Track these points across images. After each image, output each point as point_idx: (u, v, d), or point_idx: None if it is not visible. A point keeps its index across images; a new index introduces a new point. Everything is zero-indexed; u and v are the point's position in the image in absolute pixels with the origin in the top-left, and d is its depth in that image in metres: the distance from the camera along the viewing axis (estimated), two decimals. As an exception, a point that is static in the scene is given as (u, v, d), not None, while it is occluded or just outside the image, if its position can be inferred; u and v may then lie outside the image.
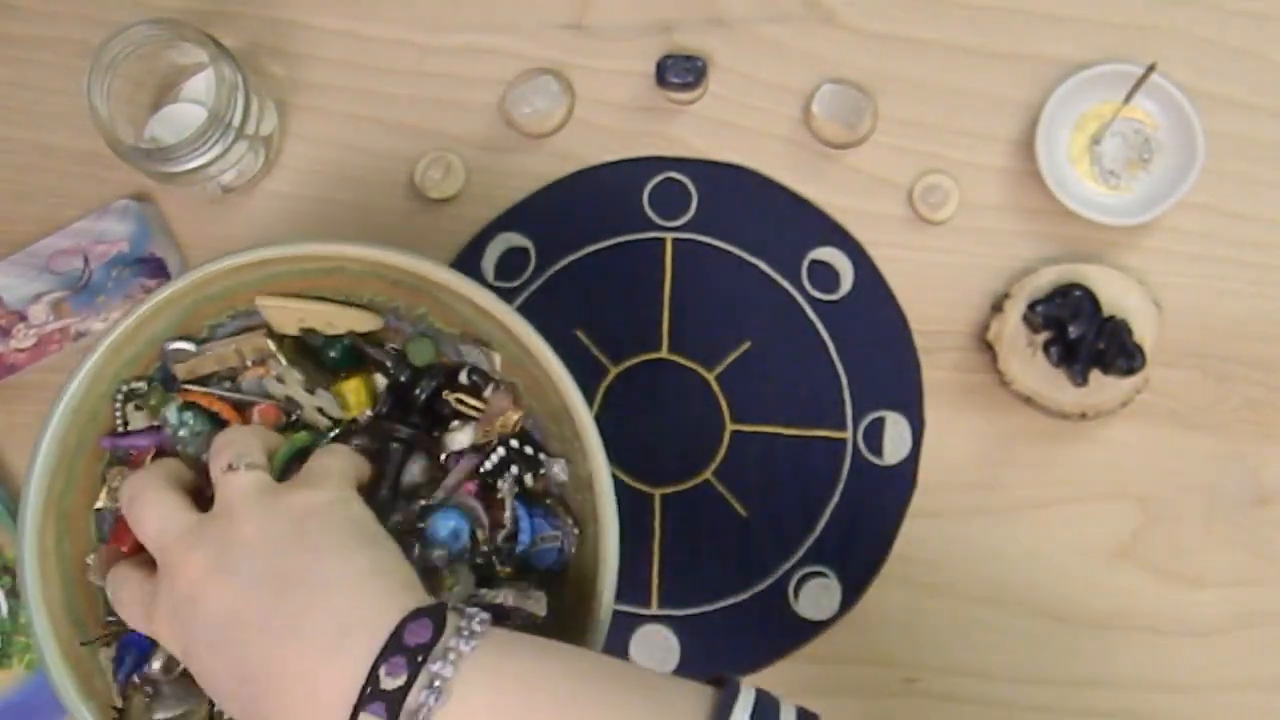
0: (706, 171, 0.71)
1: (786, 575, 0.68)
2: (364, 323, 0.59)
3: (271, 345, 0.58)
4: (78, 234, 0.69)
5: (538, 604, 0.53)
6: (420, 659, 0.43)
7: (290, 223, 0.71)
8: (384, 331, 0.60)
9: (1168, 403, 0.69)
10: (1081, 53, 0.71)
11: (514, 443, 0.57)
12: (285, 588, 0.46)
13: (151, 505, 0.50)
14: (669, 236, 0.71)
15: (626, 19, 0.72)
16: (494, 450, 0.57)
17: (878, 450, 0.69)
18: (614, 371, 0.70)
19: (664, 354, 0.70)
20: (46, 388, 0.69)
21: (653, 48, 0.71)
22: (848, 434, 0.69)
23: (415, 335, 0.59)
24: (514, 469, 0.57)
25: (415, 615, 0.44)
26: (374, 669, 0.43)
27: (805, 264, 0.70)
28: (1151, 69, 0.68)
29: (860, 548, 0.69)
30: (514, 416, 0.58)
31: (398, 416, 0.58)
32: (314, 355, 0.59)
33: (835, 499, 0.69)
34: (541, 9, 0.72)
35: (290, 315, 0.58)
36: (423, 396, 0.58)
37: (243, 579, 0.46)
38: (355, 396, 0.58)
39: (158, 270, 0.69)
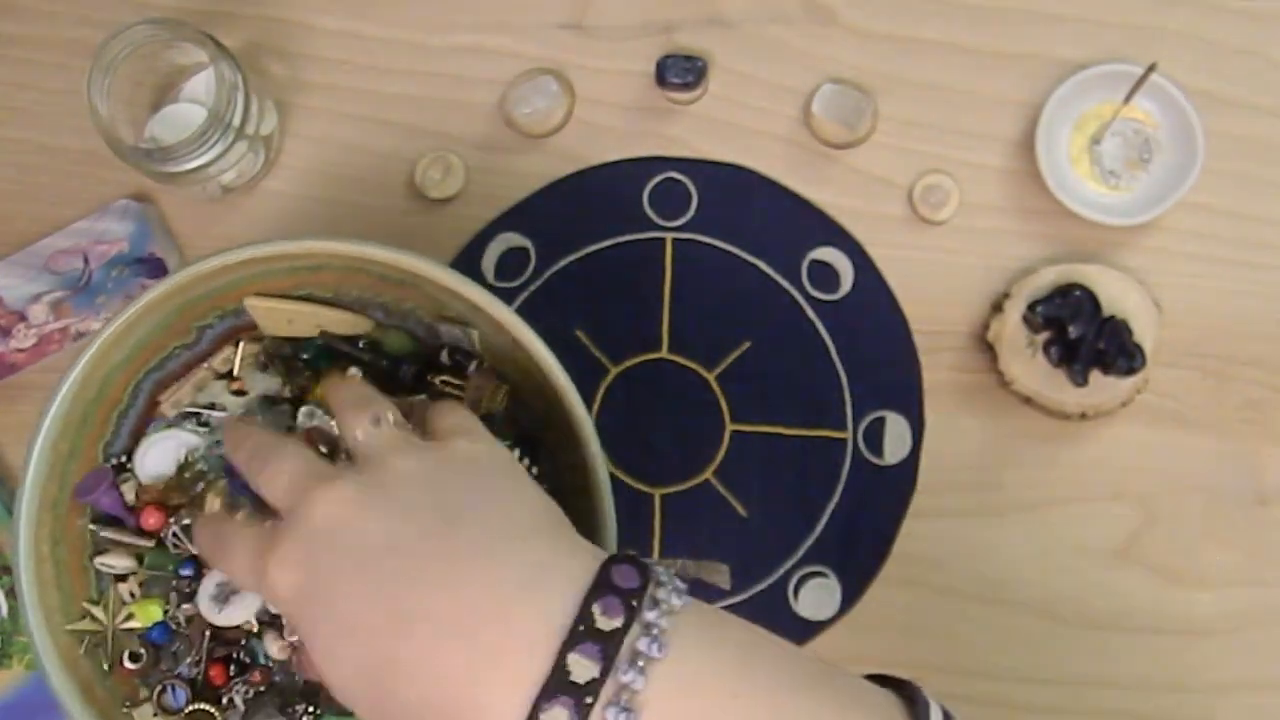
0: (706, 171, 0.71)
1: (786, 575, 0.68)
2: (355, 325, 0.59)
3: (238, 358, 0.58)
4: (78, 234, 0.69)
5: (720, 575, 0.49)
6: (635, 603, 0.39)
7: (290, 222, 0.71)
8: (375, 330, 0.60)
9: (1168, 403, 0.69)
10: (1081, 53, 0.71)
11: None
12: (458, 518, 0.41)
13: (286, 458, 0.44)
14: (669, 236, 0.71)
15: (626, 19, 0.72)
16: None
17: (878, 450, 0.69)
18: (614, 371, 0.70)
19: (664, 354, 0.70)
20: (46, 388, 0.68)
21: (653, 48, 0.71)
22: (848, 434, 0.69)
23: (388, 326, 0.59)
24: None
25: (618, 559, 0.41)
26: (586, 605, 0.39)
27: (805, 264, 0.70)
28: (1151, 69, 0.68)
29: (860, 548, 0.68)
30: (500, 393, 0.57)
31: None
32: (287, 362, 0.59)
33: (835, 499, 0.69)
34: (541, 9, 0.72)
35: (279, 316, 0.58)
36: (407, 379, 0.58)
37: (402, 506, 0.41)
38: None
39: (158, 270, 0.69)
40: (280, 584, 0.42)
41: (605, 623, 0.39)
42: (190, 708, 0.55)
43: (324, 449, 0.54)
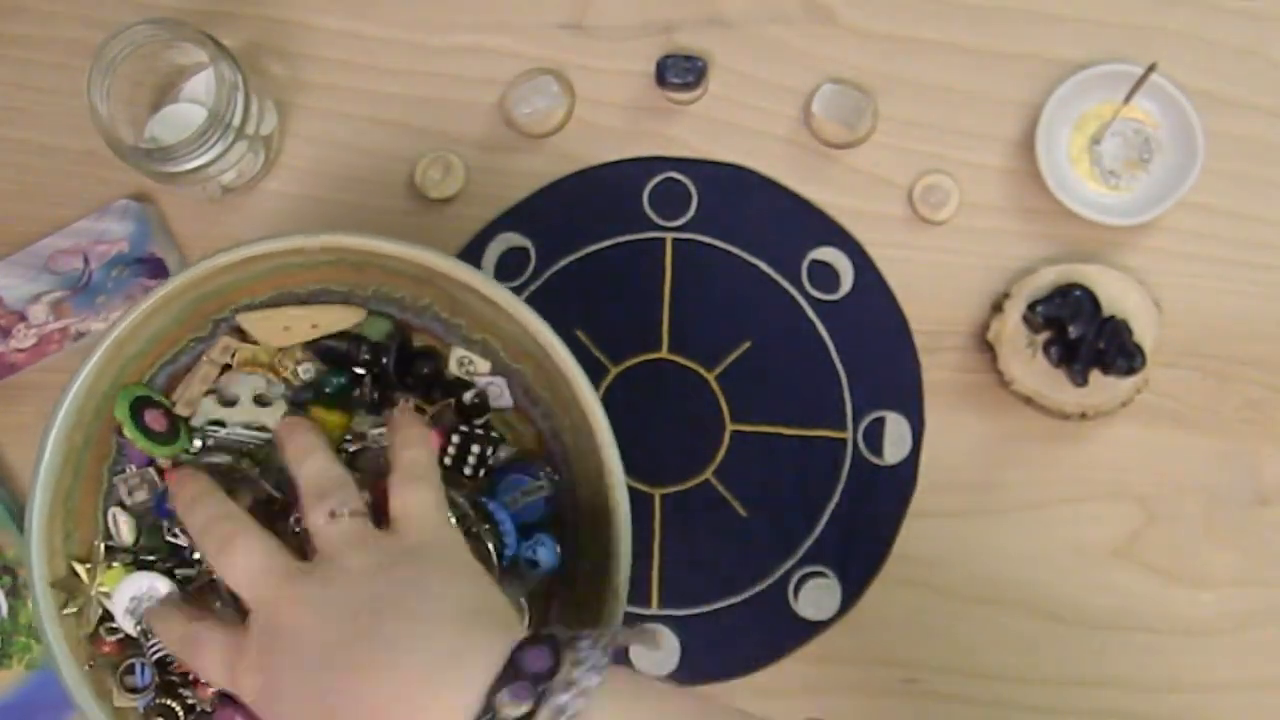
0: (706, 171, 0.71)
1: (786, 575, 0.68)
2: (346, 319, 0.59)
3: (233, 341, 0.58)
4: (78, 234, 0.69)
5: (650, 639, 0.49)
6: (541, 688, 0.40)
7: (290, 223, 0.71)
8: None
9: (1168, 403, 0.69)
10: (1081, 53, 0.71)
11: (464, 427, 0.58)
12: (386, 616, 0.44)
13: (247, 551, 0.48)
14: (669, 236, 0.71)
15: (626, 19, 0.72)
16: (450, 441, 0.58)
17: (878, 450, 0.69)
18: (614, 371, 0.70)
19: (664, 354, 0.70)
20: (46, 388, 0.69)
21: (653, 48, 0.71)
22: (848, 434, 0.69)
23: (369, 316, 0.59)
24: (475, 449, 0.58)
25: (530, 643, 0.42)
26: (491, 695, 0.40)
27: (805, 264, 0.70)
28: (1151, 69, 0.68)
29: (860, 548, 0.68)
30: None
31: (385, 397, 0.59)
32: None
33: (835, 499, 0.69)
34: (541, 9, 0.72)
35: (273, 325, 0.58)
36: (390, 369, 0.58)
37: (341, 610, 0.45)
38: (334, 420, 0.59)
39: (158, 270, 0.69)
40: (247, 688, 0.47)
41: (512, 709, 0.40)
42: (154, 697, 0.55)
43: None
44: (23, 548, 0.54)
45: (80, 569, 0.55)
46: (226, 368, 0.59)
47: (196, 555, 0.55)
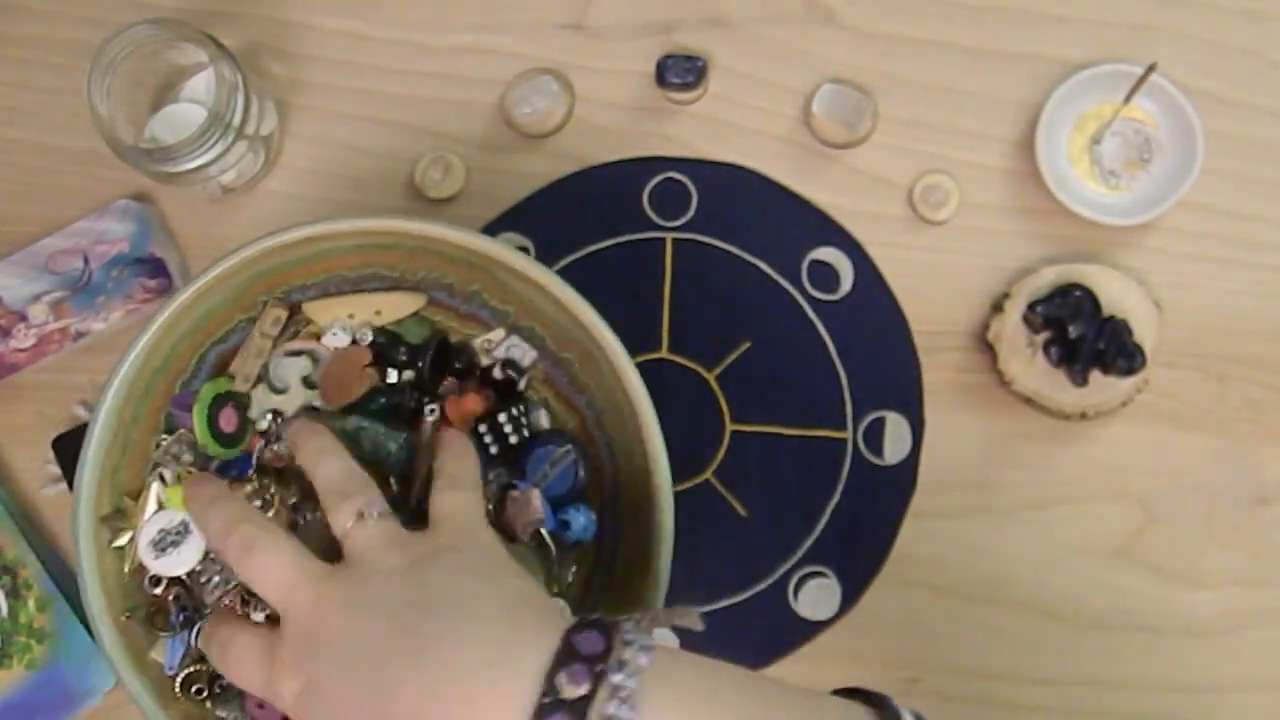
0: (706, 171, 0.71)
1: (786, 575, 0.68)
2: (409, 304, 0.59)
3: (282, 312, 0.58)
4: (78, 234, 0.69)
5: (691, 618, 0.49)
6: (599, 669, 0.40)
7: (290, 223, 0.71)
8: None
9: (1168, 403, 0.69)
10: (1081, 53, 0.71)
11: (501, 416, 0.58)
12: (430, 611, 0.44)
13: (275, 553, 0.48)
14: (669, 236, 0.71)
15: (626, 19, 0.72)
16: (482, 428, 0.58)
17: (878, 450, 0.69)
18: (614, 371, 0.70)
19: (664, 354, 0.70)
20: (47, 388, 0.69)
21: (653, 48, 0.71)
22: (848, 434, 0.69)
23: (408, 317, 0.60)
24: (513, 412, 0.58)
25: (580, 628, 0.42)
26: (550, 678, 0.40)
27: (805, 264, 0.70)
28: (1151, 69, 0.68)
29: (860, 548, 0.68)
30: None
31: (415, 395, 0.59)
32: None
33: (835, 499, 0.69)
34: (541, 9, 0.72)
35: (338, 313, 0.59)
36: (426, 373, 0.58)
37: (381, 608, 0.44)
38: None
39: (158, 270, 0.69)
40: (286, 693, 0.46)
41: (571, 691, 0.40)
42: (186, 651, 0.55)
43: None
44: (74, 525, 0.54)
45: (130, 503, 0.55)
46: (277, 338, 0.59)
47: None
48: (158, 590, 0.55)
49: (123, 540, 0.55)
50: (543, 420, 0.60)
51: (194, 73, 0.68)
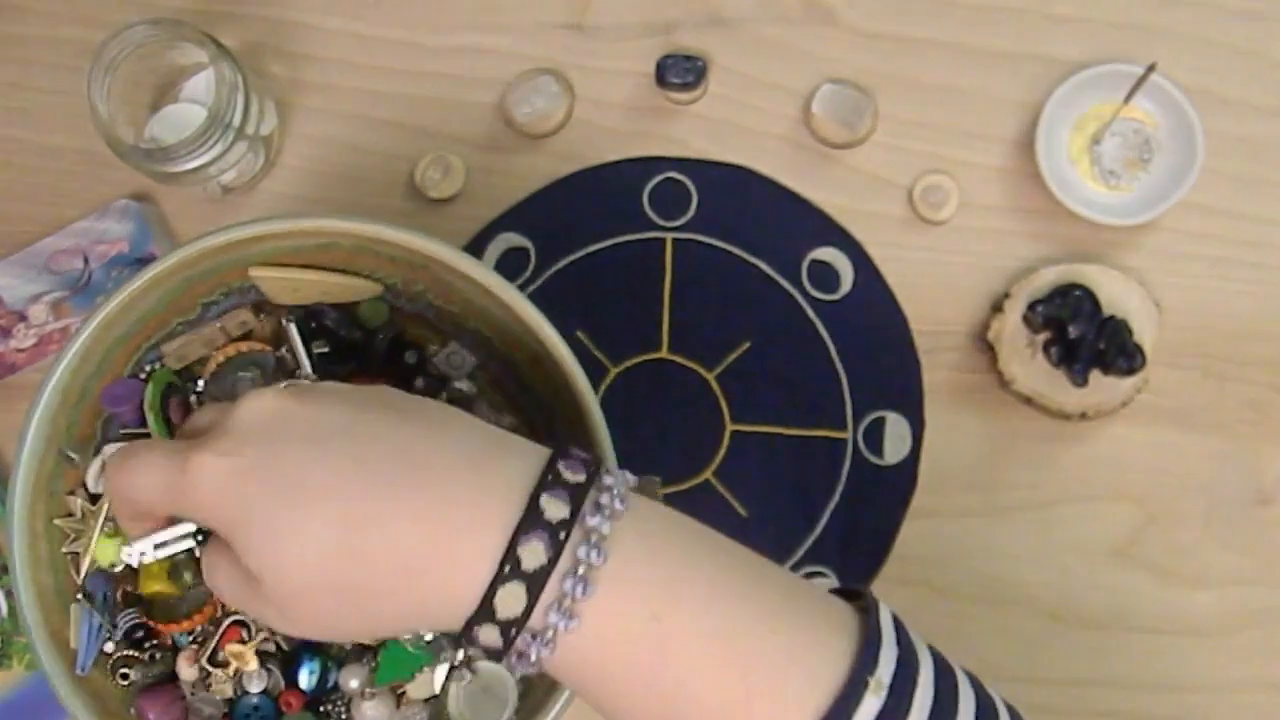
0: (706, 171, 0.71)
1: (786, 575, 0.68)
2: (362, 291, 0.58)
3: (253, 316, 0.58)
4: (78, 234, 0.69)
5: (651, 489, 0.50)
6: (594, 467, 0.41)
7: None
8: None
9: (1168, 403, 0.69)
10: (1081, 53, 0.71)
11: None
12: (409, 413, 0.42)
13: (140, 457, 0.42)
14: (669, 236, 0.71)
15: (626, 19, 0.72)
16: None
17: (878, 450, 0.69)
18: (614, 371, 0.70)
19: (664, 354, 0.70)
20: (46, 388, 0.69)
21: (653, 48, 0.71)
22: (848, 434, 0.69)
23: (369, 299, 0.59)
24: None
25: (566, 454, 0.42)
26: (552, 463, 0.41)
27: (805, 264, 0.70)
28: (1151, 69, 0.68)
29: (860, 548, 0.68)
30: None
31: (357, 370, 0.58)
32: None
33: (835, 499, 0.69)
34: (541, 9, 0.72)
35: (286, 285, 0.58)
36: (381, 350, 0.58)
37: (352, 400, 0.41)
38: None
39: (158, 270, 0.69)
40: (206, 473, 0.39)
41: (570, 476, 0.41)
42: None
43: None
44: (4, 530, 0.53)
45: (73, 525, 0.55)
46: (240, 338, 0.58)
47: None
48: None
49: (78, 545, 0.54)
50: (484, 411, 0.59)
51: (194, 73, 0.68)
